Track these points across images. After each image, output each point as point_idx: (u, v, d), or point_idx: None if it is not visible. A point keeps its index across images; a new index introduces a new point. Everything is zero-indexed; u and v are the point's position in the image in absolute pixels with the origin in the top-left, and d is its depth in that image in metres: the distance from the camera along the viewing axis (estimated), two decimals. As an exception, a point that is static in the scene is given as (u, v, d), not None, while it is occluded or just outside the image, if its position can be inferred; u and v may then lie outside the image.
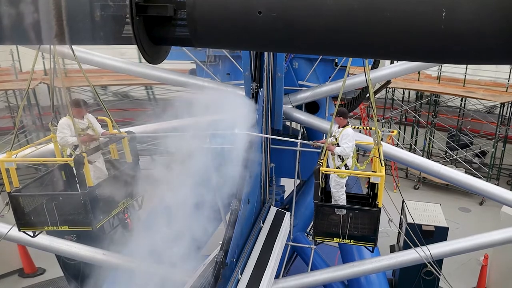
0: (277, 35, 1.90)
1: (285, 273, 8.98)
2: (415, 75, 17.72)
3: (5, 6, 1.85)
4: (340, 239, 6.14)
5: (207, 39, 2.06)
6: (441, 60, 2.01)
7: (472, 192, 9.74)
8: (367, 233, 6.15)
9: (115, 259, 7.62)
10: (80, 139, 5.94)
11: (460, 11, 1.64)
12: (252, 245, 6.82)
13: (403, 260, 7.71)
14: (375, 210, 5.98)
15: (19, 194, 5.68)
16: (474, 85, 17.19)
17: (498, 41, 1.65)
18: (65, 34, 1.87)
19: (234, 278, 5.87)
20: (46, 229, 5.90)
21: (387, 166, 16.43)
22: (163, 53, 2.18)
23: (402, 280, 10.43)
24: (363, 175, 6.75)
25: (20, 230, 5.89)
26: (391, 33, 1.77)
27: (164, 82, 9.56)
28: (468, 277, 11.63)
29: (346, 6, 1.77)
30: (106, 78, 16.58)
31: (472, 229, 11.99)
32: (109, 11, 1.88)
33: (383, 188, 5.86)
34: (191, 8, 1.90)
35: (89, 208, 5.59)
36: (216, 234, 8.54)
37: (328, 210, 6.41)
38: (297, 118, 8.76)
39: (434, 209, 10.93)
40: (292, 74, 8.82)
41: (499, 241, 7.61)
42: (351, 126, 6.87)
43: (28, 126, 16.22)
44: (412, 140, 19.51)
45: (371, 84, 6.14)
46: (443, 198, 16.24)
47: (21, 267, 12.35)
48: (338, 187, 6.56)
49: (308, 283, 7.79)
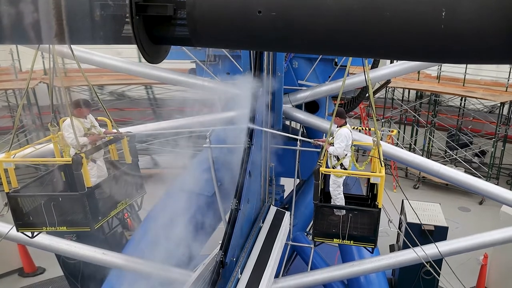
0: (277, 34, 1.90)
1: (285, 272, 8.98)
2: (415, 75, 17.73)
3: (5, 5, 1.85)
4: (339, 240, 6.13)
5: (207, 39, 2.06)
6: (441, 60, 2.01)
7: (471, 191, 9.74)
8: (366, 233, 6.14)
9: (115, 259, 7.62)
10: (89, 138, 5.96)
11: (460, 11, 1.64)
12: (252, 244, 6.82)
13: (403, 259, 7.71)
14: (375, 211, 5.97)
15: (17, 195, 5.65)
16: (474, 84, 17.20)
17: (498, 41, 1.65)
18: (65, 33, 1.87)
19: (234, 277, 5.87)
20: (44, 230, 5.89)
21: (387, 166, 16.43)
22: (163, 53, 2.18)
23: (402, 279, 10.44)
24: (363, 175, 6.72)
25: (19, 231, 5.87)
26: (391, 32, 1.77)
27: (164, 81, 9.55)
28: (467, 276, 11.63)
29: (345, 6, 1.77)
30: (106, 77, 16.59)
31: (472, 228, 12.02)
32: (109, 11, 1.88)
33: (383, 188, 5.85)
34: (191, 8, 1.90)
35: (87, 208, 5.57)
36: (216, 233, 8.55)
37: (327, 210, 6.41)
38: (296, 117, 8.76)
39: (434, 208, 10.94)
40: (292, 74, 8.82)
41: (499, 240, 7.61)
42: (351, 126, 6.87)
43: (28, 125, 16.21)
44: (412, 139, 19.51)
45: (370, 84, 6.13)
46: (443, 197, 16.25)
47: (21, 267, 12.36)
48: (335, 186, 6.55)
49: (307, 283, 7.79)
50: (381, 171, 5.82)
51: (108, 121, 6.44)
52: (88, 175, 5.63)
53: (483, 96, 16.30)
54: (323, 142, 6.61)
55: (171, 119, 8.01)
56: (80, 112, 6.12)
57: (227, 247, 5.65)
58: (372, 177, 6.02)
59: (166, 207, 7.89)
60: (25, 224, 5.79)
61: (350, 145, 6.53)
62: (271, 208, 8.20)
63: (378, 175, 5.79)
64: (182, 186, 7.57)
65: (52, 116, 6.02)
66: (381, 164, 5.98)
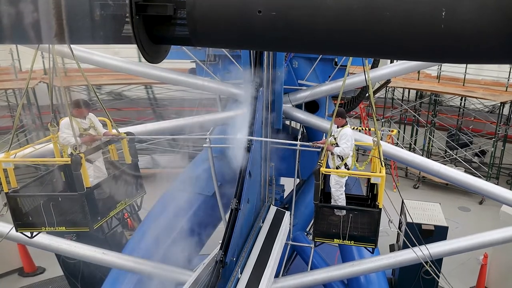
0: (277, 34, 1.90)
1: (285, 272, 8.98)
2: (415, 74, 17.73)
3: (5, 5, 1.85)
4: (340, 240, 6.12)
5: (207, 39, 2.06)
6: (441, 60, 2.01)
7: (471, 191, 9.75)
8: (367, 234, 6.12)
9: (115, 259, 7.62)
10: (82, 139, 5.95)
11: (460, 10, 1.64)
12: (252, 244, 6.82)
13: (403, 259, 7.71)
14: (376, 211, 5.96)
15: (16, 195, 5.66)
16: (474, 84, 17.20)
17: (498, 41, 1.65)
18: (65, 33, 1.87)
19: (234, 277, 5.87)
20: (43, 230, 5.88)
21: (387, 166, 16.43)
22: (163, 52, 2.18)
23: (402, 279, 10.44)
24: (364, 175, 6.70)
25: (18, 231, 5.87)
26: (391, 32, 1.77)
27: (164, 81, 9.55)
28: (467, 276, 11.64)
29: (345, 6, 1.77)
30: (106, 77, 16.59)
31: (472, 228, 12.02)
32: (109, 11, 1.88)
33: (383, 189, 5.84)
34: (191, 7, 1.90)
35: (86, 209, 5.57)
36: (216, 233, 8.56)
37: (328, 211, 6.40)
38: (296, 117, 8.76)
39: (434, 208, 10.94)
40: (292, 73, 8.82)
41: (499, 240, 7.61)
42: (350, 126, 6.86)
43: (28, 125, 16.21)
44: (412, 139, 19.51)
45: (370, 84, 6.12)
46: (443, 197, 16.24)
47: (21, 266, 12.36)
48: (338, 187, 6.55)
49: (307, 282, 7.79)
50: (381, 171, 5.82)
51: (108, 121, 6.44)
52: (87, 176, 5.62)
53: (483, 96, 16.30)
54: (322, 143, 6.60)
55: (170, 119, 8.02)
56: (79, 112, 6.12)
57: (227, 247, 5.65)
58: (373, 177, 6.01)
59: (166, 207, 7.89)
60: (25, 224, 5.78)
61: (353, 144, 6.53)
62: (271, 208, 8.20)
63: (378, 175, 5.79)
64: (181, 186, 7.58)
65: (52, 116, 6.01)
66: (382, 164, 5.98)
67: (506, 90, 16.19)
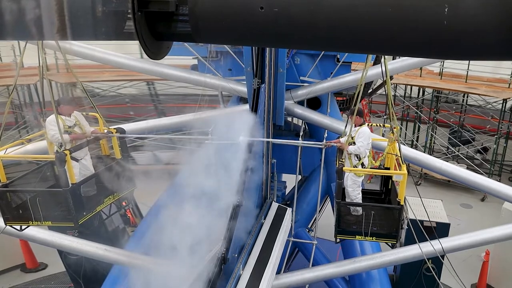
0: (279, 30, 1.89)
1: (287, 268, 9.00)
2: (417, 71, 17.70)
3: (6, 1, 1.85)
4: (362, 237, 6.13)
5: (209, 35, 2.05)
6: (444, 56, 2.00)
7: (473, 188, 9.73)
8: (389, 230, 6.13)
9: (117, 255, 7.64)
10: (70, 136, 6.01)
11: (463, 6, 1.63)
12: (254, 240, 6.83)
13: (404, 256, 7.71)
14: (397, 208, 5.95)
15: (5, 190, 5.77)
16: (476, 81, 17.14)
17: (501, 37, 1.64)
18: (67, 29, 1.87)
19: (235, 273, 5.89)
20: (31, 224, 6.05)
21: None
22: (165, 49, 2.18)
23: (403, 275, 10.45)
24: (386, 173, 6.69)
25: (7, 225, 6.03)
26: (393, 28, 1.76)
27: (166, 77, 9.56)
28: (469, 273, 11.64)
29: (348, 2, 1.76)
30: (107, 73, 16.60)
31: (474, 225, 12.04)
32: (110, 7, 1.87)
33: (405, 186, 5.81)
34: (192, 4, 1.90)
35: (71, 204, 5.66)
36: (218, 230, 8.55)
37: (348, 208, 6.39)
38: (298, 113, 8.75)
39: (436, 205, 10.94)
40: (294, 70, 8.80)
41: (500, 237, 7.61)
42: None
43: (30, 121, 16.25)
44: (414, 136, 19.49)
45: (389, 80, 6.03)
46: (445, 194, 16.24)
47: (23, 262, 12.42)
48: (355, 186, 6.50)
49: (309, 279, 7.81)
50: (403, 169, 5.81)
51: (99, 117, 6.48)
52: (73, 172, 5.72)
53: (485, 92, 16.26)
54: (335, 143, 6.58)
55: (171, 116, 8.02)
56: (62, 110, 6.18)
57: (229, 243, 5.67)
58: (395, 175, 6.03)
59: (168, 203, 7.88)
60: (14, 217, 5.92)
61: (370, 144, 6.51)
62: (273, 204, 8.21)
63: (400, 173, 5.79)
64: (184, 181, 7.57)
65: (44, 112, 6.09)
66: (402, 161, 5.95)
67: (508, 87, 16.15)
